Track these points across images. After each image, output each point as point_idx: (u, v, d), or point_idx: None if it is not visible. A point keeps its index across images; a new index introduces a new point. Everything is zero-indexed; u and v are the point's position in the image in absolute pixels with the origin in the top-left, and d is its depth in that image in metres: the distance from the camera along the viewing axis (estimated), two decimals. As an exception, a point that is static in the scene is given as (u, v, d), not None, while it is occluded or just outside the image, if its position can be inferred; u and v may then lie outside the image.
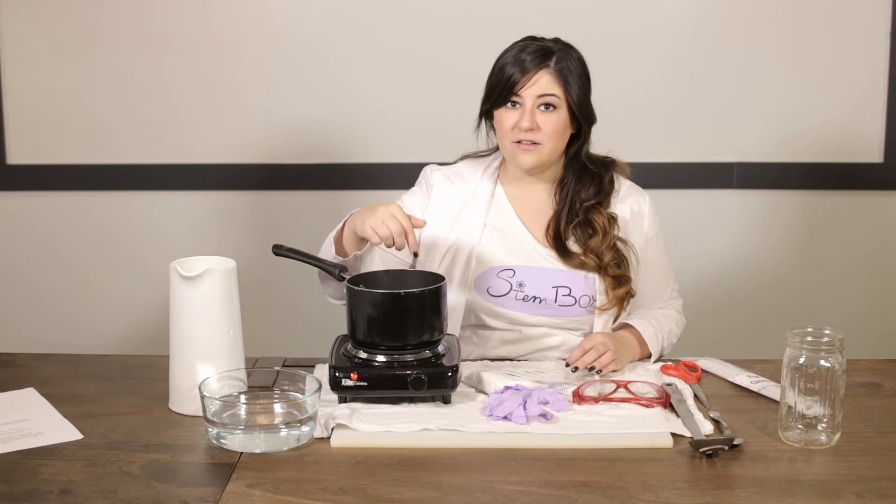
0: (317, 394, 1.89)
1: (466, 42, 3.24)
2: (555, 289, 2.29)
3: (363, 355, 2.02)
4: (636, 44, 3.27)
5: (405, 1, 3.27)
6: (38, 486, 1.72)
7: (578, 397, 2.02)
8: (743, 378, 2.15)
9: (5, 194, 3.39)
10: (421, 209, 2.36)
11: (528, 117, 2.22)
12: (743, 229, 3.40)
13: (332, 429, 1.89)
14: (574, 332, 2.32)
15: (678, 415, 1.96)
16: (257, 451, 1.84)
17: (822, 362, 1.85)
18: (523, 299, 2.29)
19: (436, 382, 1.98)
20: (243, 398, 1.98)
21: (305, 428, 1.87)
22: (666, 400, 2.01)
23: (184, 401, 2.00)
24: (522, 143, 2.25)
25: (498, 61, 2.29)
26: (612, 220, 2.32)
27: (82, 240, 3.42)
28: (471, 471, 1.78)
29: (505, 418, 1.93)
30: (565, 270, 2.30)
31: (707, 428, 1.92)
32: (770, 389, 2.08)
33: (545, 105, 2.23)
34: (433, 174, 2.40)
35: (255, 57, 3.30)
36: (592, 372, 2.12)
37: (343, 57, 3.29)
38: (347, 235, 2.25)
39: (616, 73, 3.19)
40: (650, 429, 1.90)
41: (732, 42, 3.28)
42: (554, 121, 2.24)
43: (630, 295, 2.31)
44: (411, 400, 2.01)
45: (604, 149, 2.38)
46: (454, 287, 2.28)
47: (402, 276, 2.15)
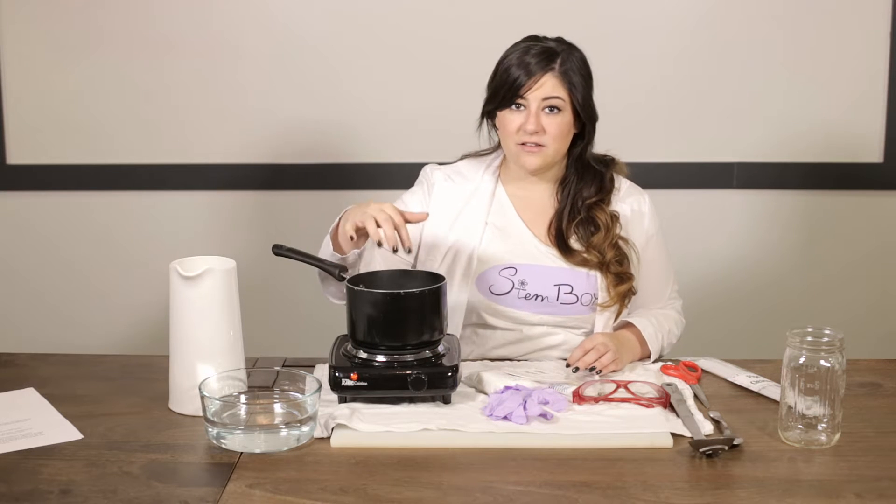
0: (317, 394, 1.89)
1: (466, 42, 3.24)
2: (557, 287, 2.29)
3: (363, 355, 2.02)
4: (636, 44, 3.27)
5: (405, 1, 3.27)
6: (38, 486, 1.72)
7: (578, 397, 2.02)
8: (743, 378, 2.15)
9: (5, 194, 3.39)
10: (422, 208, 2.36)
11: (534, 120, 2.22)
12: (743, 229, 3.40)
13: (332, 429, 1.89)
14: (575, 331, 2.32)
15: (678, 415, 1.96)
16: (257, 451, 1.84)
17: (822, 362, 1.85)
18: (525, 297, 2.29)
19: (436, 382, 1.98)
20: (243, 398, 1.98)
21: (305, 428, 1.87)
22: (666, 400, 2.01)
23: (184, 401, 2.00)
24: (527, 146, 2.25)
25: (502, 62, 2.28)
26: (615, 218, 2.32)
27: (82, 240, 3.41)
28: (471, 471, 1.78)
29: (505, 418, 1.93)
30: (567, 268, 2.30)
31: (707, 428, 1.92)
32: (770, 389, 2.08)
33: (550, 107, 2.23)
34: (433, 173, 2.40)
35: (255, 57, 3.30)
36: (593, 372, 2.12)
37: (343, 57, 3.28)
38: (341, 233, 2.24)
39: (616, 73, 3.18)
40: (650, 429, 1.90)
41: (732, 42, 3.28)
42: (558, 123, 2.24)
43: (632, 292, 2.31)
44: (411, 400, 2.01)
45: (603, 148, 2.38)
46: (455, 286, 2.28)
47: (402, 276, 2.15)
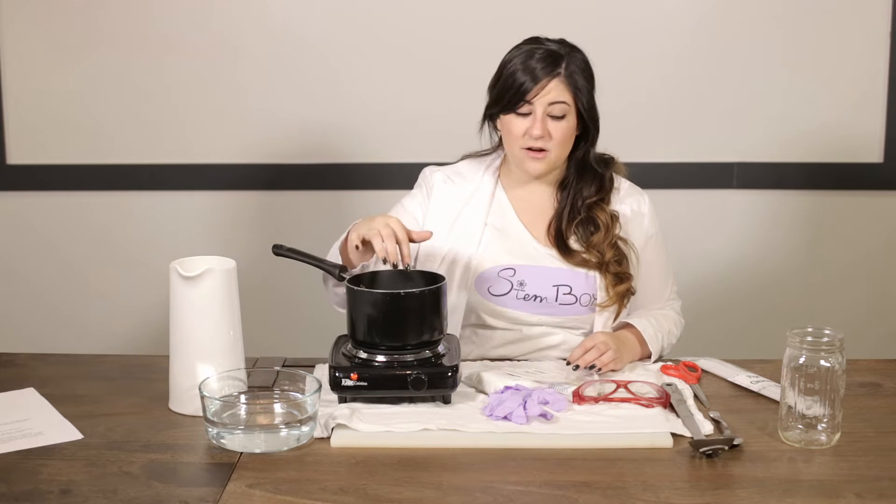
0: (317, 394, 1.89)
1: (466, 42, 3.24)
2: (555, 287, 2.29)
3: (363, 355, 2.02)
4: (636, 44, 3.27)
5: (405, 1, 3.27)
6: (38, 486, 1.72)
7: (578, 397, 2.02)
8: (743, 378, 2.15)
9: (5, 194, 3.39)
10: (422, 211, 2.36)
11: (540, 125, 2.22)
12: (743, 229, 3.40)
13: (332, 429, 1.89)
14: (574, 332, 2.32)
15: (678, 415, 1.96)
16: (257, 451, 1.84)
17: (822, 362, 1.85)
18: (524, 298, 2.29)
19: (436, 382, 1.98)
20: (243, 398, 1.98)
21: (305, 428, 1.87)
22: (666, 400, 2.01)
23: (184, 401, 2.00)
24: (532, 151, 2.25)
25: (506, 66, 2.26)
26: (615, 218, 2.32)
27: (82, 240, 3.41)
28: (471, 471, 1.78)
29: (505, 418, 1.93)
30: (566, 269, 2.30)
31: (707, 428, 1.92)
32: (770, 389, 2.08)
33: (555, 113, 2.23)
34: (433, 175, 2.40)
35: (255, 57, 3.30)
36: (593, 371, 2.12)
37: (343, 57, 3.28)
38: (349, 245, 2.20)
39: (616, 74, 3.18)
40: (650, 429, 1.90)
41: (732, 42, 3.28)
42: (563, 128, 2.24)
43: (630, 292, 2.31)
44: (411, 400, 2.01)
45: (602, 148, 2.37)
46: (455, 287, 2.28)
47: (402, 277, 2.14)
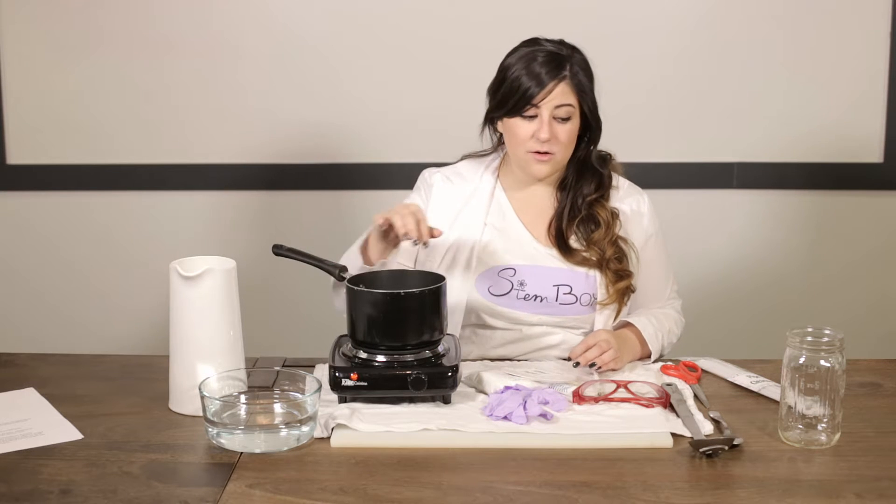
0: (317, 394, 1.89)
1: (466, 42, 3.24)
2: (556, 287, 2.29)
3: (363, 355, 2.02)
4: (636, 44, 3.27)
5: (405, 1, 3.27)
6: (38, 486, 1.72)
7: (578, 397, 2.02)
8: (743, 378, 2.15)
9: (5, 194, 3.39)
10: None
11: (547, 128, 2.22)
12: (743, 229, 3.40)
13: (332, 429, 1.89)
14: (575, 331, 2.32)
15: (678, 415, 1.96)
16: (257, 451, 1.84)
17: (822, 362, 1.85)
18: (524, 298, 2.29)
19: (436, 382, 1.98)
20: (243, 398, 1.98)
21: (305, 428, 1.87)
22: (666, 400, 2.01)
23: (184, 401, 2.00)
24: (538, 154, 2.25)
25: (508, 70, 2.25)
26: (615, 215, 2.32)
27: (82, 240, 3.41)
28: (471, 471, 1.78)
29: (505, 418, 1.93)
30: (566, 269, 2.30)
31: (707, 428, 1.91)
32: (770, 389, 2.08)
33: (561, 115, 2.23)
34: (432, 176, 2.40)
35: (255, 57, 3.30)
36: (593, 369, 2.12)
37: (343, 57, 3.28)
38: (372, 240, 2.20)
39: (616, 74, 3.16)
40: (650, 429, 1.90)
41: (732, 42, 3.28)
42: (569, 130, 2.25)
43: (630, 290, 2.31)
44: (411, 400, 2.01)
45: (601, 148, 2.37)
46: (455, 287, 2.28)
47: (402, 276, 2.15)
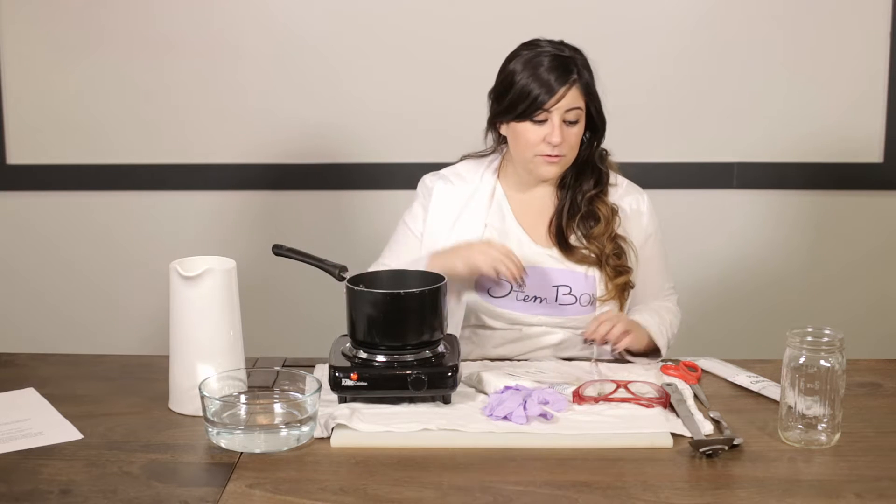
0: (317, 394, 1.89)
1: (466, 42, 3.24)
2: (555, 288, 2.29)
3: (363, 355, 2.02)
4: (636, 44, 3.27)
5: (405, 1, 3.27)
6: (38, 486, 1.72)
7: (578, 397, 2.02)
8: (743, 378, 2.15)
9: (5, 194, 3.39)
10: (423, 225, 2.38)
11: (558, 132, 2.23)
12: (743, 229, 3.40)
13: (332, 429, 1.89)
14: (574, 331, 2.32)
15: (678, 415, 1.96)
16: (257, 451, 1.84)
17: (822, 362, 1.85)
18: (524, 299, 2.30)
19: (436, 382, 1.98)
20: (243, 398, 1.98)
21: (305, 428, 1.87)
22: (666, 400, 2.01)
23: (184, 401, 2.00)
24: (549, 157, 2.26)
25: (517, 76, 2.24)
26: (614, 211, 2.34)
27: (82, 240, 3.41)
28: (471, 471, 1.78)
29: (505, 418, 1.92)
30: (565, 270, 2.31)
31: (707, 428, 1.91)
32: (770, 389, 2.08)
33: (570, 118, 2.24)
34: (431, 182, 2.41)
35: (255, 57, 3.30)
36: (607, 346, 2.16)
37: (343, 57, 3.28)
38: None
39: (616, 74, 3.13)
40: (650, 429, 1.90)
41: (732, 42, 3.28)
42: (577, 132, 2.27)
43: (630, 285, 2.32)
44: (411, 400, 2.01)
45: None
46: (455, 288, 2.28)
47: (402, 276, 2.14)
